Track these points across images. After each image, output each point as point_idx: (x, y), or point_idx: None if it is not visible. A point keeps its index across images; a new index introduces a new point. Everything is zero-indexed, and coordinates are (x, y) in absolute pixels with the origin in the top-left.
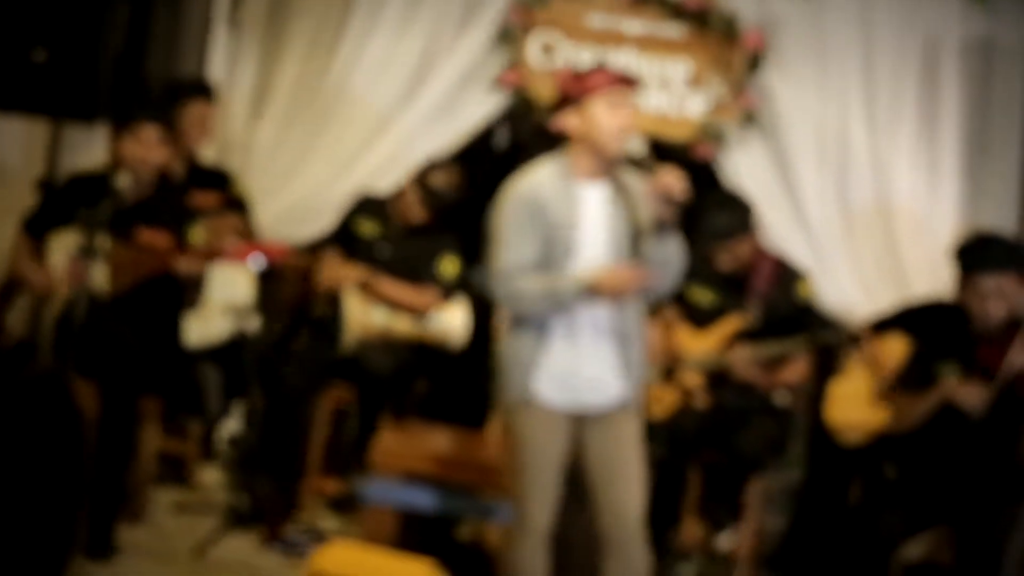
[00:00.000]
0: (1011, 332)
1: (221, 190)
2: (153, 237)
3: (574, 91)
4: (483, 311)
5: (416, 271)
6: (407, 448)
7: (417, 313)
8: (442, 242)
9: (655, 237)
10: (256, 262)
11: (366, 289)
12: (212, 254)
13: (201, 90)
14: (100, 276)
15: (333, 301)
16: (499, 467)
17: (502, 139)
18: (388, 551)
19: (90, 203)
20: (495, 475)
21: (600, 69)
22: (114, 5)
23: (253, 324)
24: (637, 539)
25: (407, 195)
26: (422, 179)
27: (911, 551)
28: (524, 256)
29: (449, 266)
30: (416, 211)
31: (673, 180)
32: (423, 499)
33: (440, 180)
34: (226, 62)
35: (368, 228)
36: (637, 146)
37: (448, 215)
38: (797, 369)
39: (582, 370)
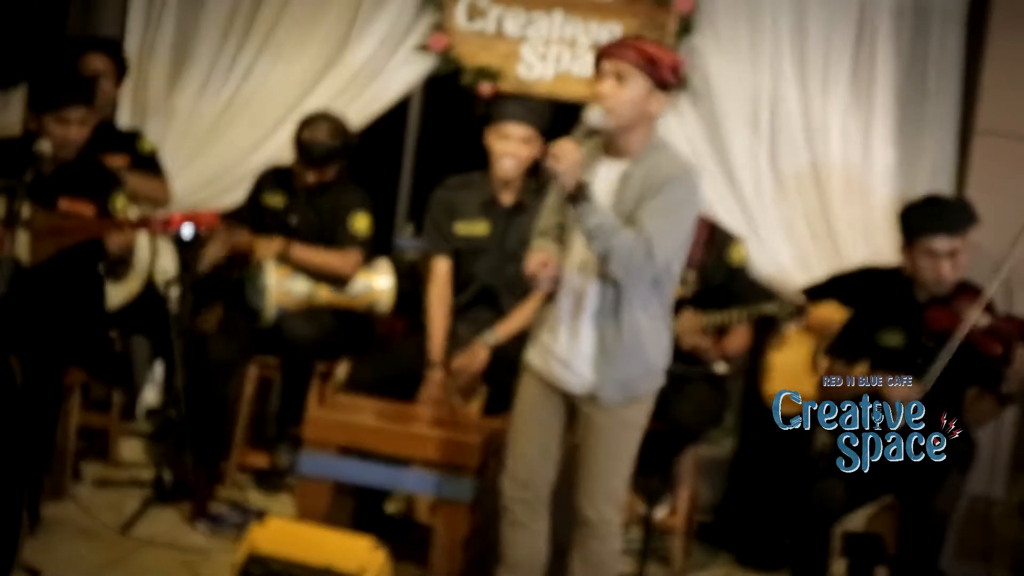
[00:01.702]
0: (960, 294)
1: (129, 150)
2: (75, 206)
3: None
4: (411, 278)
5: (327, 234)
6: (339, 421)
7: (341, 279)
8: (348, 200)
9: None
10: (187, 231)
11: (287, 260)
12: (142, 224)
13: (98, 45)
14: (22, 245)
15: (253, 274)
16: (430, 439)
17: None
18: (324, 527)
19: (11, 170)
20: (427, 447)
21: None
22: None
23: (175, 294)
24: (600, 528)
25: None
26: (296, 136)
27: (852, 522)
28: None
29: (360, 222)
30: (302, 171)
31: (551, 149)
32: (358, 472)
33: (311, 134)
34: (145, 26)
35: (275, 200)
36: (595, 116)
37: (354, 174)
38: (740, 338)
39: (554, 347)
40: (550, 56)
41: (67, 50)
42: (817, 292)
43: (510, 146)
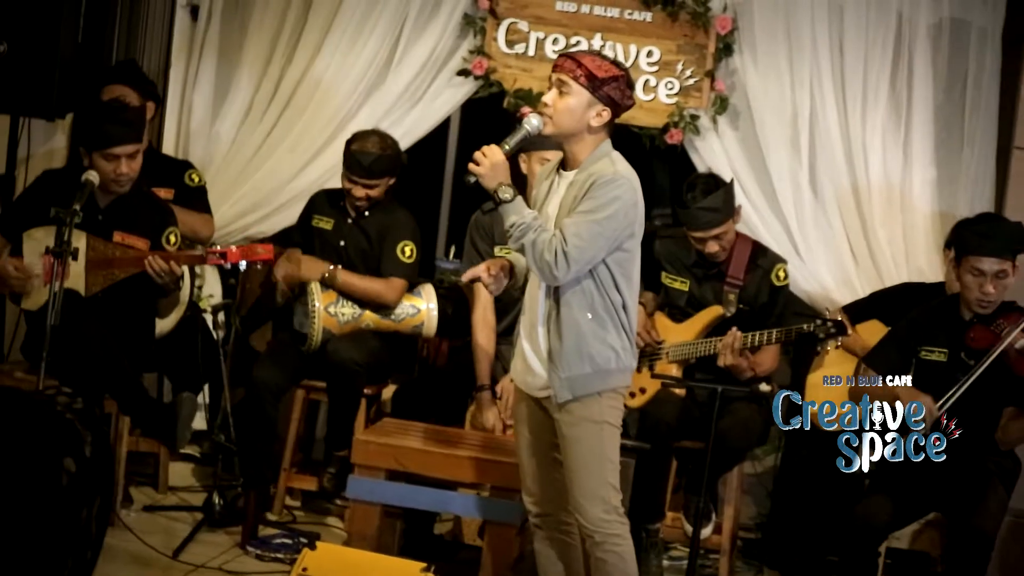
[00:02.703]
0: (1004, 314)
1: (177, 181)
2: (129, 241)
3: None
4: (453, 300)
5: (374, 257)
6: (387, 445)
7: (385, 306)
8: (396, 226)
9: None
10: (243, 266)
11: (333, 285)
12: (198, 258)
13: (116, 76)
14: (76, 276)
15: (301, 297)
16: (477, 462)
17: None
18: (374, 549)
19: (61, 200)
20: (474, 470)
21: None
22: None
23: (221, 318)
24: (595, 534)
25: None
26: (345, 150)
27: (897, 539)
28: None
29: (408, 251)
30: (351, 186)
31: (476, 153)
32: (406, 496)
33: (360, 145)
34: (188, 55)
35: (325, 223)
36: (531, 122)
37: (396, 197)
38: (769, 358)
39: (523, 353)
40: None
41: (90, 84)
42: (858, 310)
43: None
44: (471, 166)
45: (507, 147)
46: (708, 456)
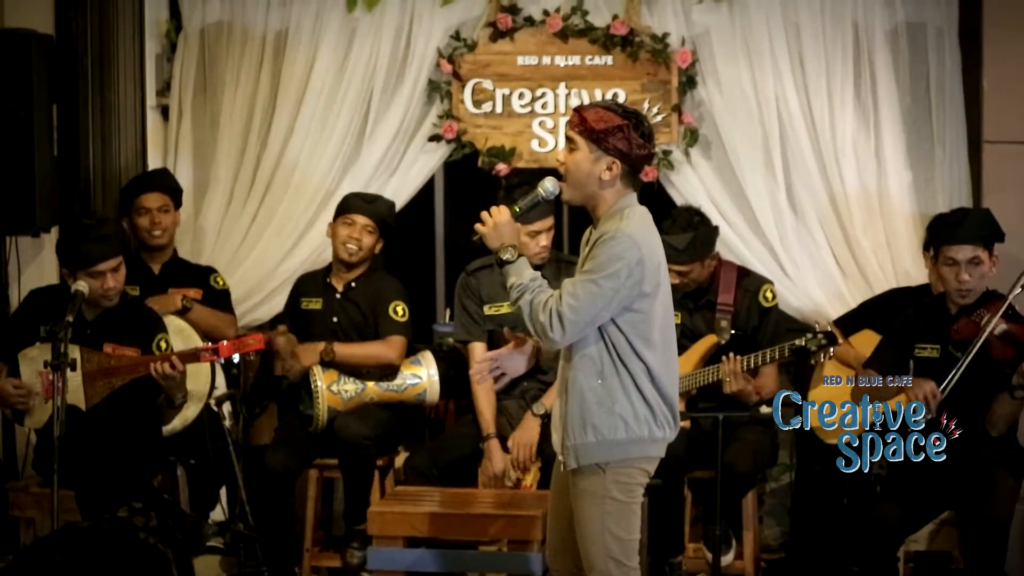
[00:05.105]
0: (987, 303)
1: (203, 284)
2: (120, 351)
3: None
4: (453, 361)
5: (369, 326)
6: (403, 513)
7: (389, 367)
8: (385, 290)
9: None
10: (236, 359)
11: (334, 362)
12: (192, 357)
13: (149, 185)
14: (75, 390)
15: (303, 380)
16: (493, 519)
17: None
18: None
19: (52, 317)
20: (491, 527)
21: None
22: (42, 111)
23: (226, 410)
24: None
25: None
26: (340, 204)
27: (915, 542)
28: None
29: (400, 310)
30: (339, 231)
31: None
32: (427, 561)
33: (356, 192)
34: (164, 154)
35: (314, 304)
36: (547, 186)
37: (388, 265)
38: (769, 380)
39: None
40: (561, 128)
41: (123, 193)
42: (849, 322)
43: (543, 240)
44: (477, 225)
45: (517, 209)
46: (718, 484)
